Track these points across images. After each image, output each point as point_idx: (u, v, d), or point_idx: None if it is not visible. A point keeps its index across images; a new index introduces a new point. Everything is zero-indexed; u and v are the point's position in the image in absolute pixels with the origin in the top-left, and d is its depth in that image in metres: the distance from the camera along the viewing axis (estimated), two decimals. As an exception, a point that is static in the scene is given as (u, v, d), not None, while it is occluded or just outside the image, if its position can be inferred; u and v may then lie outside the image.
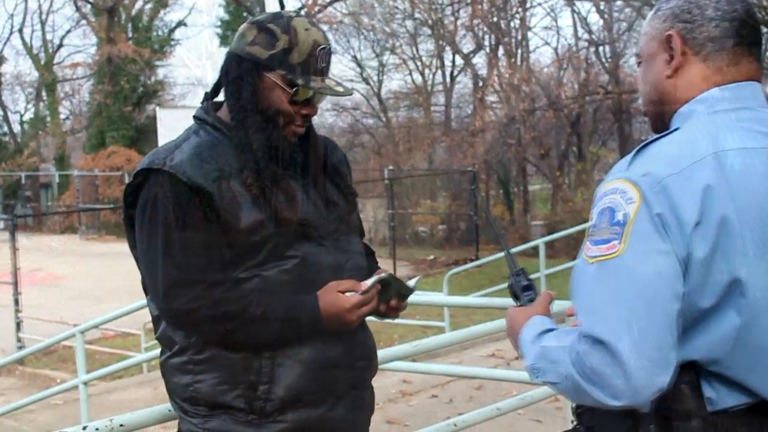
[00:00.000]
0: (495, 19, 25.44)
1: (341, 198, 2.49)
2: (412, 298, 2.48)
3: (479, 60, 28.06)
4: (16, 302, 13.75)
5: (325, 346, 2.34)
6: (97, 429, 2.41)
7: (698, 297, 1.63)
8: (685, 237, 1.60)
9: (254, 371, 2.29)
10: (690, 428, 1.66)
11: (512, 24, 26.17)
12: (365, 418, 2.53)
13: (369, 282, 2.31)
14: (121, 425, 2.46)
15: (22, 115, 39.59)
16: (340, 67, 29.89)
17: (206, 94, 2.49)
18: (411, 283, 2.42)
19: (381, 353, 2.74)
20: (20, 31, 38.81)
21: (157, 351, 7.77)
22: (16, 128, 39.43)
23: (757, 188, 1.66)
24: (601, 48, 24.95)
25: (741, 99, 1.76)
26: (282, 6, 26.16)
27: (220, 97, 2.46)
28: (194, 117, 2.42)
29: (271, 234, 2.26)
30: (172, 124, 22.45)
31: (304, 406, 2.32)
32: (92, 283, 17.88)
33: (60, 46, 39.20)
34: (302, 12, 2.53)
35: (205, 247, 2.24)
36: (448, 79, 29.66)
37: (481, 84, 26.47)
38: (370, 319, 2.44)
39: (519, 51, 26.27)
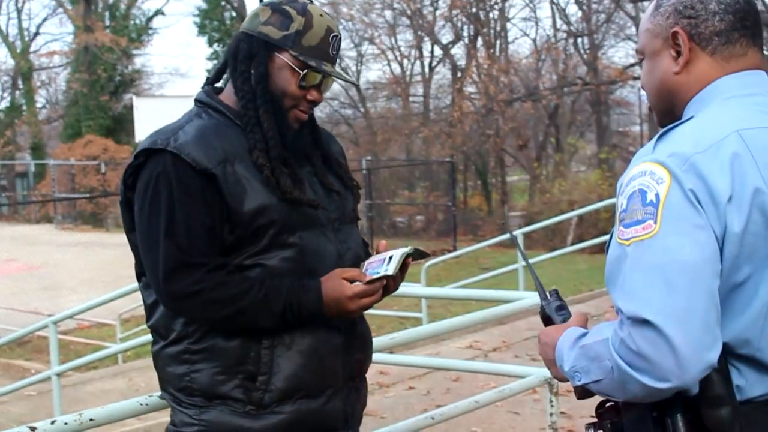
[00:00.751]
0: (474, 9, 25.47)
1: (343, 188, 2.47)
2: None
3: (458, 51, 28.11)
4: (-10, 292, 13.66)
5: (325, 337, 2.31)
6: (66, 423, 2.36)
7: (733, 273, 1.62)
8: (720, 212, 1.59)
9: (253, 361, 2.25)
10: (719, 417, 1.63)
11: (491, 15, 26.22)
12: (360, 410, 2.50)
13: (380, 272, 2.27)
14: (91, 419, 2.41)
15: (-3, 104, 39.25)
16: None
17: (207, 78, 2.45)
18: (405, 250, 2.35)
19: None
20: (-5, 18, 38.55)
21: (133, 341, 7.76)
22: (-8, 116, 39.12)
23: None
24: (579, 39, 25.04)
25: (751, 86, 1.77)
26: (260, -5, 26.13)
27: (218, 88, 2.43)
28: (195, 100, 2.39)
29: (274, 219, 2.22)
30: (149, 114, 22.36)
31: (302, 397, 2.28)
32: (67, 274, 17.75)
33: (36, 34, 38.97)
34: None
35: (208, 230, 2.20)
36: (426, 70, 29.68)
37: (459, 75, 26.48)
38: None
39: (498, 42, 26.33)
